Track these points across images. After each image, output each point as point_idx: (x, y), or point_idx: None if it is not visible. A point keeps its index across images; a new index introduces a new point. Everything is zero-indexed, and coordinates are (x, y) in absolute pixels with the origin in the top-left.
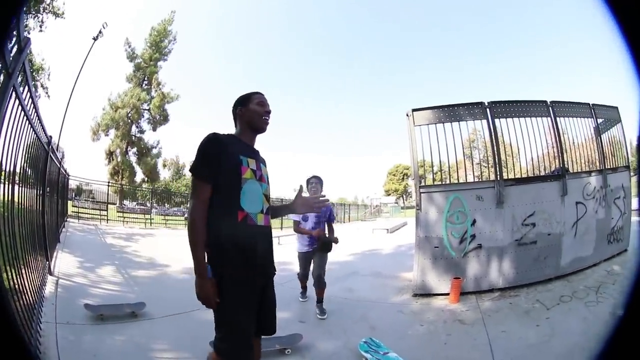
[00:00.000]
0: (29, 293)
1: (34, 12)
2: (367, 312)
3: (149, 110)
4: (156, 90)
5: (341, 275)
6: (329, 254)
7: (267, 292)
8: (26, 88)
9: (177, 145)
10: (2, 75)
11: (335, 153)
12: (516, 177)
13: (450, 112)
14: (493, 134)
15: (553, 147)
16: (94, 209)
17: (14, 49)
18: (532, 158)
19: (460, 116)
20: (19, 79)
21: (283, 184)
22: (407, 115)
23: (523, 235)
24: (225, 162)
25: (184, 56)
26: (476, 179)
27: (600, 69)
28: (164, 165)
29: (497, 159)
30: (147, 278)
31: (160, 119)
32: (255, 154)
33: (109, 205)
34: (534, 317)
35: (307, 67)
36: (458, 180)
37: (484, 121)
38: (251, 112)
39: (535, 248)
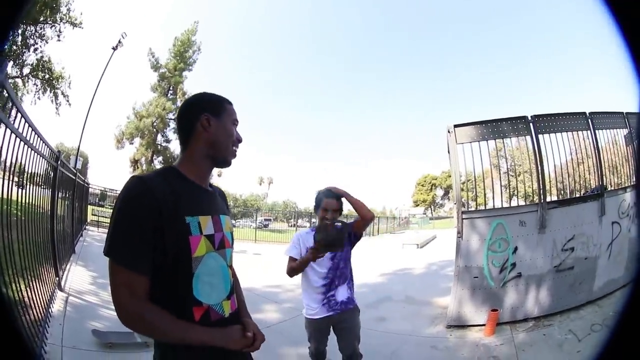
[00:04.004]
0: (33, 310)
1: (50, 22)
2: (399, 348)
3: (174, 119)
4: (181, 100)
5: (373, 301)
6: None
7: None
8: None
9: None
10: None
11: (363, 161)
12: (559, 199)
13: (494, 128)
14: (537, 151)
15: (593, 163)
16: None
17: None
18: (572, 176)
19: (503, 132)
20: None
21: (308, 196)
22: (449, 131)
23: (562, 261)
24: (164, 238)
25: (210, 66)
26: (520, 201)
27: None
28: None
29: (541, 181)
30: None
31: None
32: (210, 201)
33: None
34: (567, 350)
35: (335, 71)
36: (502, 204)
37: (528, 137)
38: (223, 131)
39: (571, 274)
